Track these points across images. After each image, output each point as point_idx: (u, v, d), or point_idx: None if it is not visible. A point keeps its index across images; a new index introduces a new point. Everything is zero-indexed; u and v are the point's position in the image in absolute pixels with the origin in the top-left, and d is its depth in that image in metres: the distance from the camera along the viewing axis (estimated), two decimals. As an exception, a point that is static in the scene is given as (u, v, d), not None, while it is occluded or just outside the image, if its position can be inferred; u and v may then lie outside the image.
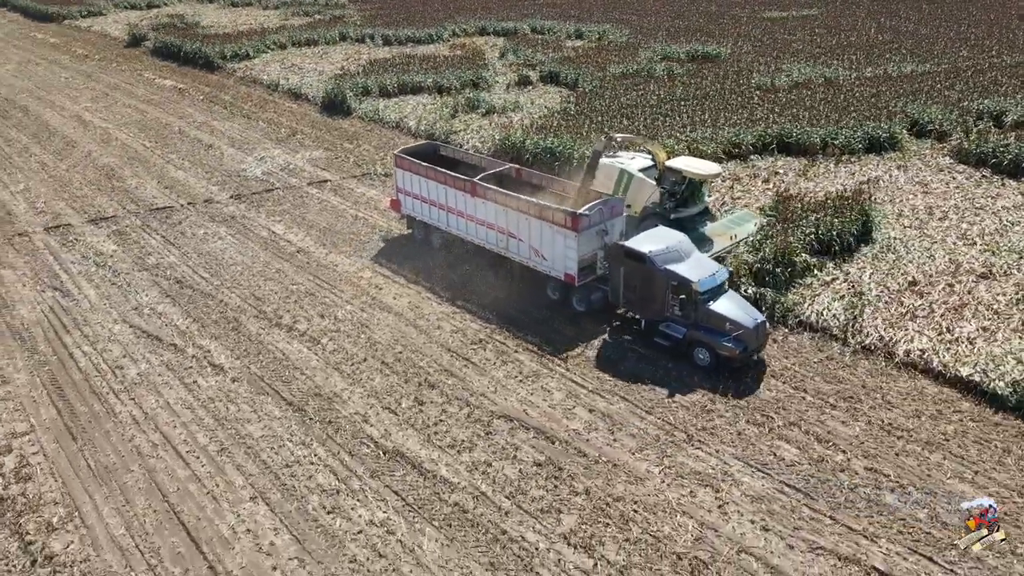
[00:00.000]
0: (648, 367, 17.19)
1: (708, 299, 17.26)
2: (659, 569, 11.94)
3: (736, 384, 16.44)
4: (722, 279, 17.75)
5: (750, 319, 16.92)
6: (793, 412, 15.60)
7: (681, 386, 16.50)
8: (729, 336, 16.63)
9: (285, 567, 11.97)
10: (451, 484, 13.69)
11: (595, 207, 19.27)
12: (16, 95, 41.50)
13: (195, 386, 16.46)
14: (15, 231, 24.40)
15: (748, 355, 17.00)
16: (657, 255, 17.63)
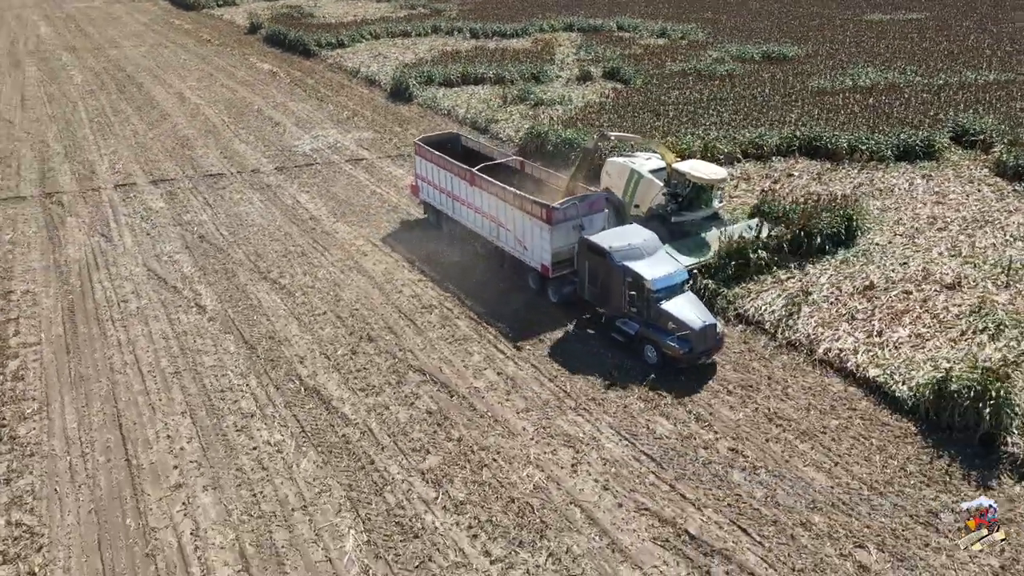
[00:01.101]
0: (595, 359, 17.67)
1: (661, 298, 17.41)
2: (489, 507, 13.33)
3: (656, 368, 17.22)
4: (679, 280, 17.86)
5: (698, 321, 16.97)
6: (687, 394, 16.37)
7: (612, 375, 17.13)
8: (675, 336, 16.85)
9: (184, 467, 14.29)
10: (347, 419, 15.59)
11: (570, 202, 19.77)
12: (138, 73, 46.99)
13: (177, 321, 19.23)
14: (91, 187, 28.45)
15: (695, 357, 17.00)
16: (617, 251, 17.95)
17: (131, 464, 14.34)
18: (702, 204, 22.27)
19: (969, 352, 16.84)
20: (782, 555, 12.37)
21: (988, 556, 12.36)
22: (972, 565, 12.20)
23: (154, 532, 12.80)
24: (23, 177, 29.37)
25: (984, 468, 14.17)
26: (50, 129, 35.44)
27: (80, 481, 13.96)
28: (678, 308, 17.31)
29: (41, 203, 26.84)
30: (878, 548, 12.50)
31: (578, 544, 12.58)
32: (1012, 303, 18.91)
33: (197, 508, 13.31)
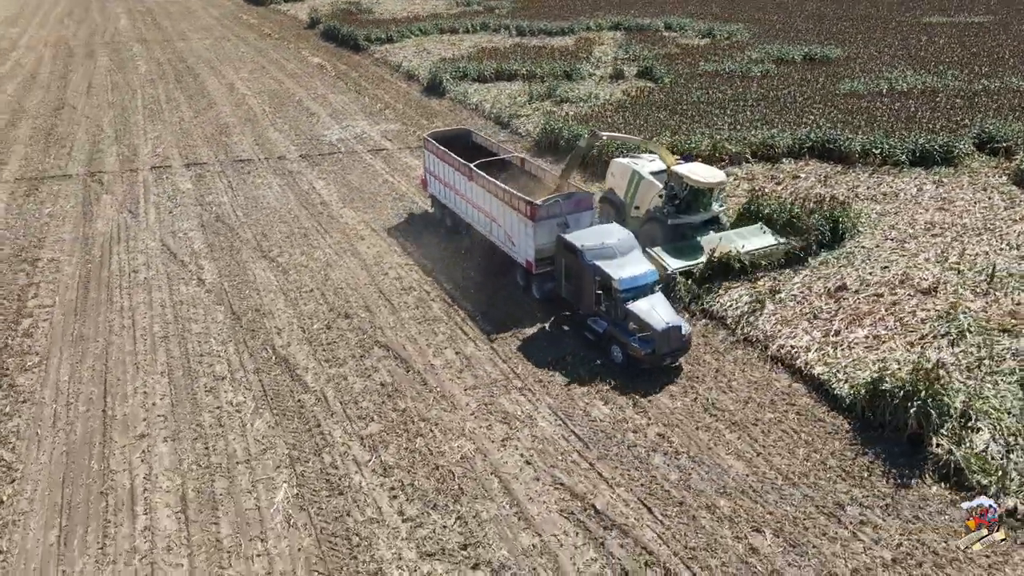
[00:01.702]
0: (557, 350, 18.08)
1: (629, 298, 17.52)
2: (414, 473, 14.27)
3: (606, 354, 17.85)
4: (648, 281, 17.91)
5: (662, 322, 16.96)
6: (630, 381, 16.91)
7: (570, 366, 17.60)
8: (639, 336, 17.02)
9: (152, 420, 15.74)
10: (307, 387, 16.78)
11: (553, 199, 20.18)
12: (197, 64, 49.73)
13: (177, 292, 20.85)
14: (131, 167, 30.65)
15: (658, 358, 17.03)
16: (589, 250, 18.16)
17: (106, 415, 15.88)
18: (700, 207, 22.10)
19: (922, 355, 16.87)
20: (678, 534, 12.89)
21: (882, 548, 12.60)
22: (864, 555, 12.47)
23: (112, 474, 14.24)
24: (73, 157, 31.82)
25: (906, 467, 14.30)
26: (107, 114, 38.07)
27: (60, 427, 15.56)
28: (644, 309, 17.35)
29: (83, 181, 29.11)
30: (774, 534, 12.88)
31: (488, 510, 13.40)
32: (985, 310, 18.70)
33: (154, 456, 14.71)
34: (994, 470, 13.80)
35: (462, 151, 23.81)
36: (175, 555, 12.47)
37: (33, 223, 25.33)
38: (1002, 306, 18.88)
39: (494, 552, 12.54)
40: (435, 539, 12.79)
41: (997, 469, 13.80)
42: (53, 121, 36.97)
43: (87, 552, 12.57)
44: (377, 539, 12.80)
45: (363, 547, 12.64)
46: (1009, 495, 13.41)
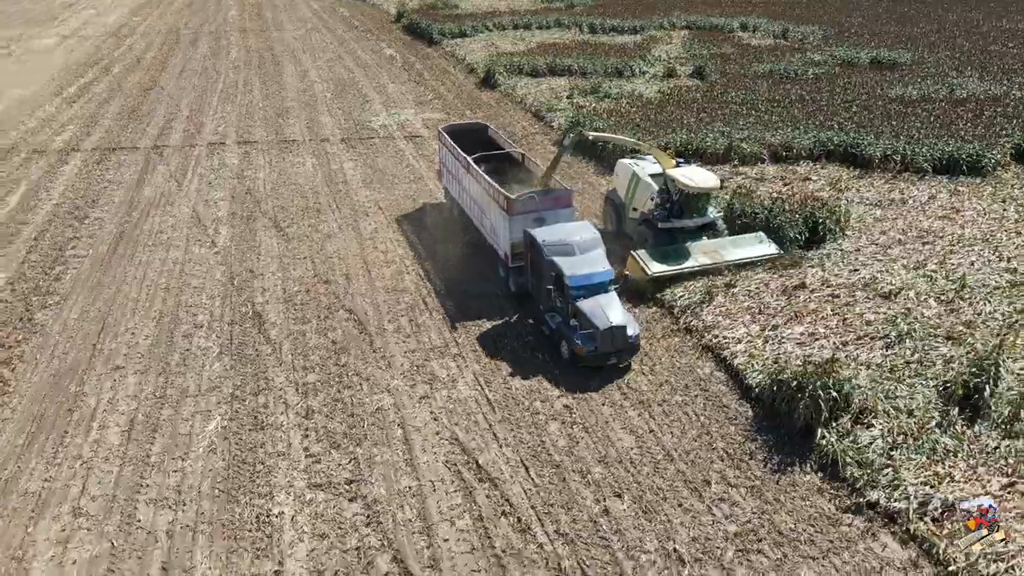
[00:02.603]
0: (514, 343, 18.70)
1: (579, 295, 17.79)
2: (332, 417, 15.92)
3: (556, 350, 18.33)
4: (601, 280, 18.06)
5: (605, 322, 17.16)
6: (559, 358, 17.87)
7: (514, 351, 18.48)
8: (582, 333, 17.36)
9: (131, 356, 18.12)
10: (268, 339, 18.75)
11: (528, 194, 20.62)
12: (282, 53, 53.39)
13: (190, 252, 23.40)
14: (191, 143, 33.88)
15: (600, 357, 17.27)
16: (548, 245, 18.55)
17: (95, 348, 18.40)
18: (694, 212, 21.91)
19: (835, 352, 17.03)
20: (543, 492, 13.94)
21: (729, 523, 13.18)
22: (709, 527, 13.11)
23: (83, 396, 16.65)
24: (146, 132, 35.43)
25: (789, 455, 14.71)
26: (189, 96, 41.85)
27: (55, 355, 18.19)
28: (590, 307, 17.56)
29: (147, 153, 32.49)
30: (633, 500, 13.71)
31: (382, 455, 14.86)
32: (938, 317, 18.48)
33: (121, 385, 17.04)
34: (868, 464, 14.03)
35: (477, 145, 24.67)
36: (109, 464, 14.64)
37: (93, 187, 28.72)
38: (961, 315, 18.59)
39: (373, 489, 14.00)
40: (327, 474, 14.39)
41: (871, 463, 14.02)
42: (141, 100, 41.02)
43: (42, 454, 14.94)
44: (278, 469, 14.53)
45: (263, 473, 14.39)
46: (876, 488, 13.66)
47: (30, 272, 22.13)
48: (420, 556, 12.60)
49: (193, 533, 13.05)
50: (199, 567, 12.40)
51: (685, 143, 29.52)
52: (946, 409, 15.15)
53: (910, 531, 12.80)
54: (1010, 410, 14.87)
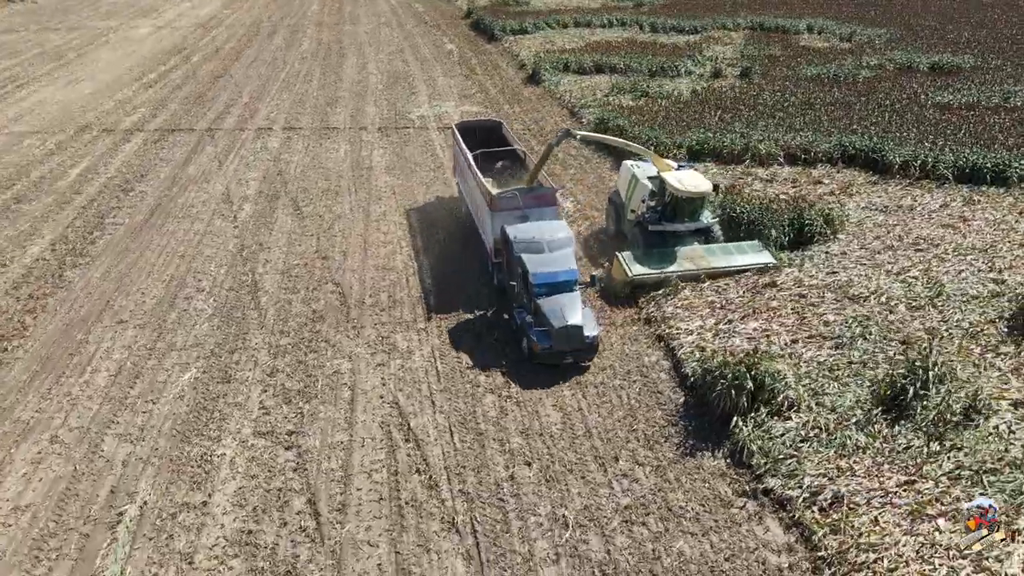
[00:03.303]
0: (481, 330, 19.38)
1: (542, 293, 18.08)
2: (290, 376, 17.43)
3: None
4: (564, 279, 18.27)
5: (561, 321, 17.42)
6: (498, 338, 18.82)
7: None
8: (539, 330, 17.69)
9: (134, 312, 20.19)
10: (258, 305, 20.49)
11: (511, 192, 21.01)
12: (349, 46, 55.90)
13: (211, 224, 25.52)
14: (241, 127, 36.37)
15: (555, 355, 17.54)
16: (518, 242, 18.97)
17: (107, 304, 20.58)
18: (686, 216, 21.80)
19: (794, 351, 17.27)
20: (460, 455, 14.99)
21: (623, 495, 13.87)
22: (603, 498, 13.86)
23: (85, 344, 18.79)
24: (205, 116, 38.20)
25: (705, 441, 15.23)
26: (252, 84, 44.64)
27: (72, 307, 20.47)
28: (551, 305, 17.81)
29: (200, 135, 35.14)
30: (540, 469, 14.59)
31: (325, 412, 16.26)
32: (901, 322, 18.41)
33: (120, 337, 19.09)
34: (773, 453, 14.39)
35: (490, 142, 25.36)
36: (91, 402, 16.60)
37: (145, 163, 31.42)
38: (926, 321, 18.46)
39: (309, 441, 15.41)
40: (272, 424, 15.89)
41: (777, 453, 14.37)
42: (209, 87, 44.07)
43: (39, 390, 17.06)
44: (232, 418, 16.14)
45: (217, 420, 16.03)
46: (775, 477, 14.04)
47: (71, 235, 24.72)
48: (332, 501, 13.89)
49: (144, 465, 14.78)
50: (141, 493, 14.09)
51: (702, 142, 29.81)
52: (872, 409, 15.31)
53: (795, 518, 13.20)
54: (935, 413, 14.90)
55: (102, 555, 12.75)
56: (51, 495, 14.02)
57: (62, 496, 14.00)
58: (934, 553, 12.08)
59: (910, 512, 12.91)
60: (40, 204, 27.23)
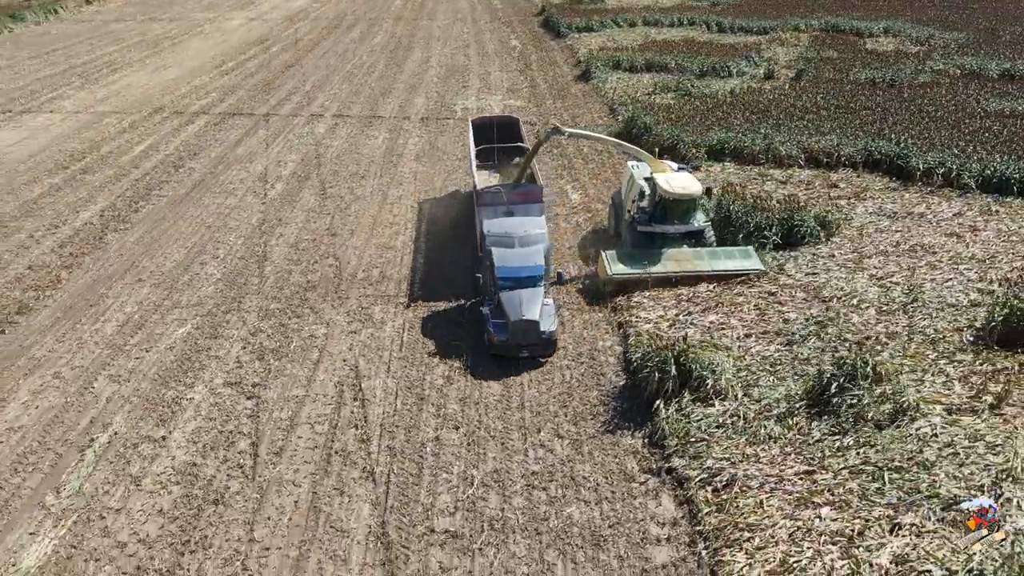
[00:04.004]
0: (458, 316, 20.04)
1: (506, 287, 18.45)
2: (271, 337, 19.10)
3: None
4: (527, 274, 18.56)
5: (517, 314, 17.84)
6: (467, 323, 19.79)
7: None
8: (496, 322, 18.19)
9: (154, 272, 22.43)
10: (262, 274, 22.34)
11: (496, 187, 21.58)
12: (418, 41, 57.96)
13: (243, 200, 27.70)
14: (296, 113, 38.76)
15: (509, 347, 17.96)
16: (491, 235, 19.42)
17: (132, 265, 22.94)
18: (676, 219, 21.73)
19: (743, 344, 17.65)
20: (398, 415, 16.27)
21: (534, 463, 14.75)
22: (514, 464, 14.78)
23: (105, 298, 21.10)
24: (267, 102, 40.88)
25: (630, 422, 15.89)
26: (318, 74, 47.25)
27: (103, 267, 22.91)
28: (510, 298, 18.20)
29: (258, 119, 37.74)
30: (465, 434, 15.66)
31: (292, 370, 17.83)
32: (864, 325, 18.40)
33: (136, 293, 21.34)
34: (685, 436, 14.91)
35: (506, 139, 26.16)
36: (96, 346, 18.80)
37: (201, 143, 34.15)
38: (891, 325, 18.38)
39: (269, 393, 17.03)
40: (241, 376, 17.61)
41: (689, 436, 14.89)
42: (279, 75, 46.94)
43: (56, 334, 19.42)
44: (208, 368, 17.97)
45: (196, 370, 17.89)
46: (682, 457, 14.58)
47: (119, 204, 27.44)
48: (272, 445, 15.42)
49: (124, 403, 16.76)
50: (114, 425, 16.03)
51: (723, 141, 29.91)
52: (798, 403, 15.57)
53: (688, 496, 13.76)
54: (856, 411, 15.04)
55: (68, 472, 14.72)
56: (41, 420, 16.16)
57: (49, 422, 16.11)
58: (805, 537, 12.48)
59: (798, 499, 13.28)
60: (101, 176, 30.22)
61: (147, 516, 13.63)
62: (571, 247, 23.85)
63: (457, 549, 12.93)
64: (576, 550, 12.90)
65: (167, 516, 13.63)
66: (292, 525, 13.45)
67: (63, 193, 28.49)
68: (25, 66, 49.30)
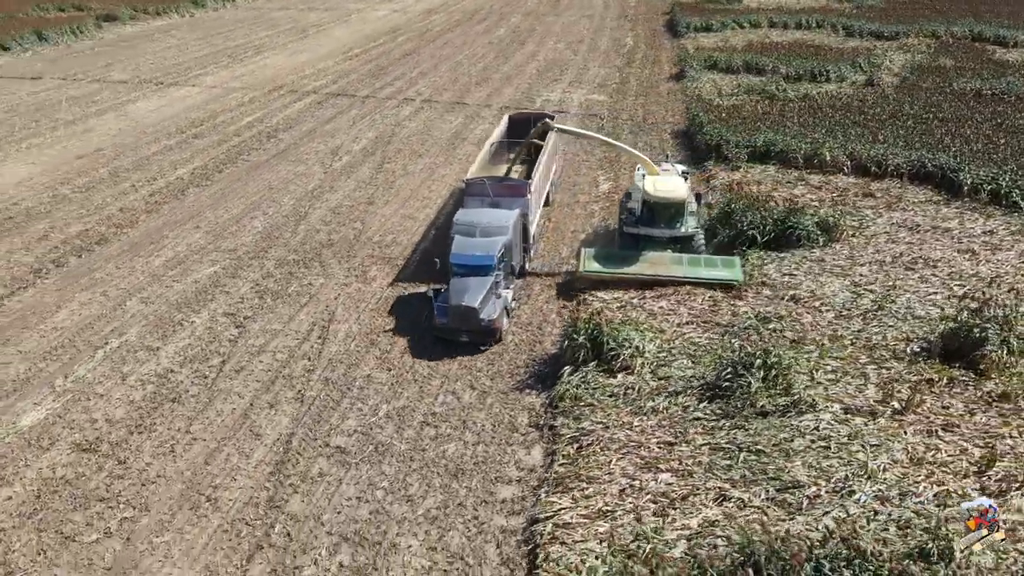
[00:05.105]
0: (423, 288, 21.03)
1: (459, 273, 19.17)
2: (279, 280, 22.04)
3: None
4: (479, 263, 19.14)
5: (457, 300, 18.50)
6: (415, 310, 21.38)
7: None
8: (440, 306, 18.94)
9: (199, 224, 26.14)
10: (295, 230, 25.45)
11: (480, 178, 21.96)
12: (535, 35, 60.07)
13: (310, 168, 31.17)
14: (391, 96, 42.18)
15: (450, 330, 18.72)
16: (457, 224, 20.17)
17: (197, 215, 26.84)
18: (661, 222, 21.80)
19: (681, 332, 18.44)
20: (346, 354, 18.60)
21: (438, 406, 16.50)
22: (423, 404, 16.65)
23: (165, 238, 25.00)
24: (372, 86, 44.68)
25: (544, 385, 17.27)
26: (428, 62, 50.66)
27: (172, 215, 26.99)
28: (456, 284, 18.94)
29: (356, 100, 41.52)
30: (395, 376, 17.66)
31: (282, 309, 20.67)
32: (812, 325, 18.54)
33: (189, 238, 25.11)
34: (577, 400, 16.08)
35: (540, 134, 26.49)
36: (141, 275, 22.63)
37: (300, 119, 38.27)
38: (841, 329, 18.44)
39: (255, 325, 19.95)
40: (239, 309, 20.67)
41: (581, 400, 16.05)
42: (394, 62, 50.81)
43: (117, 263, 23.44)
44: (217, 300, 21.20)
45: (207, 300, 21.18)
46: (565, 417, 15.79)
47: (209, 165, 31.80)
48: (236, 364, 18.30)
49: (142, 319, 20.30)
50: (127, 334, 19.57)
51: (768, 143, 29.73)
52: (699, 385, 16.28)
53: (555, 450, 15.02)
54: (745, 398, 15.57)
55: (80, 364, 18.33)
56: (78, 324, 20.02)
57: (83, 327, 19.92)
58: (633, 494, 13.48)
59: (646, 464, 14.23)
60: (207, 141, 34.92)
61: (120, 403, 16.90)
62: (574, 231, 25.16)
63: (339, 462, 15.11)
64: (435, 477, 14.68)
65: (133, 405, 16.83)
66: (221, 425, 16.20)
67: (172, 153, 33.34)
68: (191, 46, 56.49)
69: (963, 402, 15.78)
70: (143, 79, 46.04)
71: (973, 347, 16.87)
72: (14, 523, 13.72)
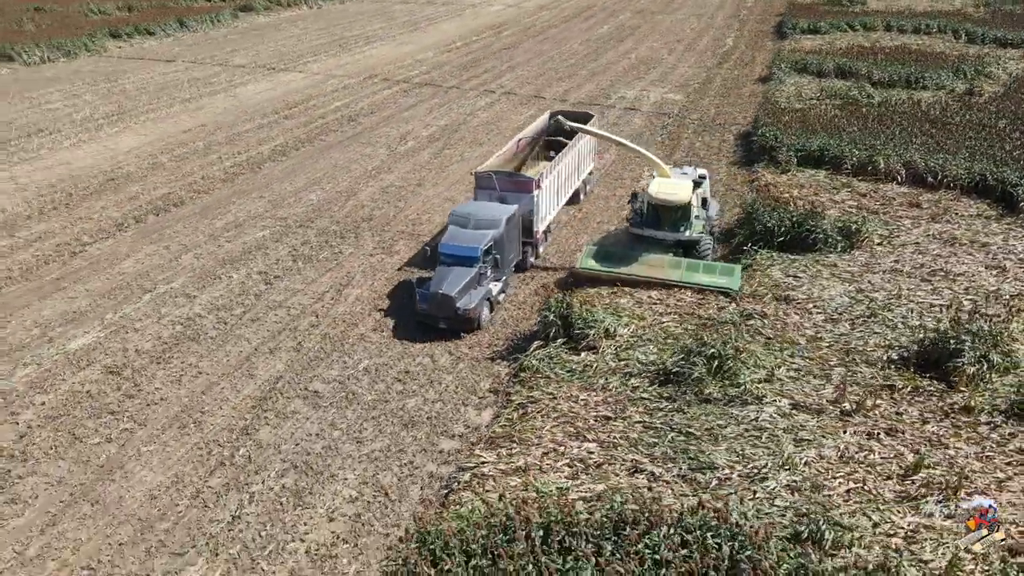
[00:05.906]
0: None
1: (446, 262, 19.79)
2: (312, 247, 24.19)
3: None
4: (465, 254, 19.72)
5: (436, 287, 19.20)
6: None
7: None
8: (422, 291, 19.66)
9: (273, 194, 28.81)
10: (343, 205, 27.63)
11: (488, 172, 22.49)
12: (638, 32, 60.34)
13: (376, 150, 33.44)
14: (474, 88, 43.94)
15: (432, 318, 19.43)
16: (454, 215, 20.98)
17: (263, 187, 29.60)
18: (665, 225, 21.78)
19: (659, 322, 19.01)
20: (350, 315, 20.43)
21: (413, 366, 17.95)
22: (398, 364, 18.13)
23: (230, 205, 27.84)
24: (460, 77, 46.67)
25: (513, 358, 18.34)
26: (522, 57, 52.15)
27: (247, 185, 29.89)
28: (440, 273, 19.68)
29: (440, 90, 43.64)
30: (387, 336, 19.27)
31: (305, 273, 22.80)
32: (796, 326, 18.60)
33: (251, 205, 27.84)
34: (534, 370, 17.10)
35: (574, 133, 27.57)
36: (201, 235, 25.49)
37: (383, 105, 40.80)
38: (823, 331, 18.42)
39: (282, 284, 22.17)
40: (270, 268, 22.96)
41: (541, 373, 17.05)
42: (489, 56, 52.66)
43: (186, 222, 26.48)
44: (255, 260, 23.63)
45: (248, 259, 23.64)
46: (522, 387, 16.84)
47: (289, 143, 34.74)
48: (251, 314, 20.59)
49: (191, 271, 23.04)
50: (174, 282, 22.33)
51: (822, 147, 29.15)
52: (657, 370, 16.86)
53: (501, 413, 16.14)
54: (697, 385, 16.04)
55: (129, 304, 21.18)
56: (138, 271, 23.01)
57: (142, 274, 22.90)
58: (554, 456, 14.42)
59: (576, 433, 15.08)
60: (294, 121, 38.05)
61: (150, 338, 19.53)
62: (600, 222, 25.94)
63: (311, 404, 16.97)
64: (389, 425, 16.22)
65: (160, 340, 19.40)
66: (226, 364, 18.44)
67: (262, 131, 36.63)
68: (310, 36, 60.78)
69: (920, 410, 15.57)
70: (259, 64, 50.26)
71: (948, 359, 16.48)
72: (40, 423, 16.44)
